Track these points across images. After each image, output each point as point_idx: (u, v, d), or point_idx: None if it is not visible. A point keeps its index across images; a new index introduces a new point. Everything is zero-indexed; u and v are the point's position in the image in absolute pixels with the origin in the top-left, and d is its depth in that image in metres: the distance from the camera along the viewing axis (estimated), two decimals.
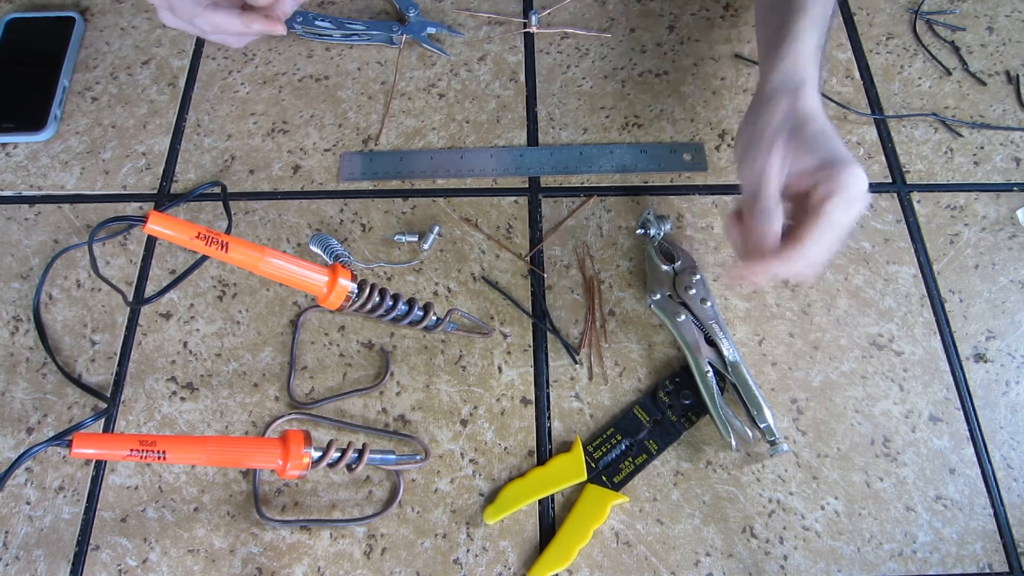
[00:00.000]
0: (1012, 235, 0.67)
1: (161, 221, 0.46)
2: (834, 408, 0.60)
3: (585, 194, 0.69)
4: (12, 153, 0.72)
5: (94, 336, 0.63)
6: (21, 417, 0.60)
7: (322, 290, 0.52)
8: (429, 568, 0.55)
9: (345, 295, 0.52)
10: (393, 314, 0.56)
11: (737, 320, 0.63)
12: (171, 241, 0.48)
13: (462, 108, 0.73)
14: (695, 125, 0.72)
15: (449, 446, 0.59)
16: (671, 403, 0.59)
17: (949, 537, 0.56)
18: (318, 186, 0.70)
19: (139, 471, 0.58)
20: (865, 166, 0.69)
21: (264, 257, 0.49)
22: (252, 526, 0.56)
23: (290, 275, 0.51)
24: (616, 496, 0.56)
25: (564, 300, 0.64)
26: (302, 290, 0.54)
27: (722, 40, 0.77)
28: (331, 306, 0.53)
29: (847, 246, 0.66)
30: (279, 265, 0.50)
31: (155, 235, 0.50)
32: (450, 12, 0.79)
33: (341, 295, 0.52)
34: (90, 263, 0.51)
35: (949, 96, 0.73)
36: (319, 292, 0.52)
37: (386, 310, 0.55)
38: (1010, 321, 0.63)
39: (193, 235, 0.47)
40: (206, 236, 0.47)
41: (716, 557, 0.55)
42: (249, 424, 0.60)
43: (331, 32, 0.77)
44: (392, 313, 0.56)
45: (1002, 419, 0.59)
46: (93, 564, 0.55)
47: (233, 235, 0.58)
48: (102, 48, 0.78)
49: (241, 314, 0.64)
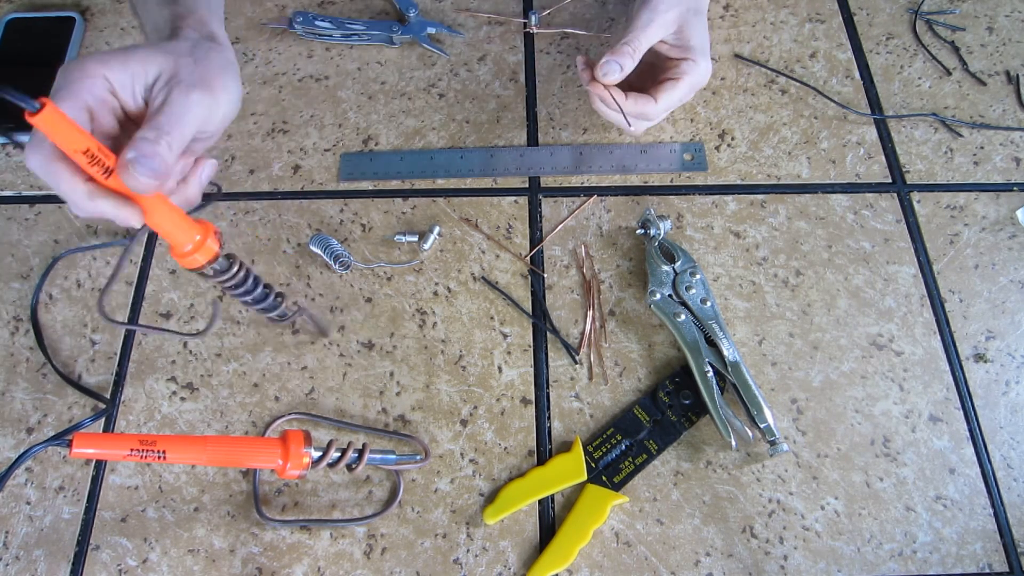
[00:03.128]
0: (1012, 235, 0.67)
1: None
2: (834, 408, 0.60)
3: (585, 194, 0.69)
4: (12, 153, 0.72)
5: (94, 336, 0.63)
6: (21, 417, 0.60)
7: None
8: (429, 568, 0.55)
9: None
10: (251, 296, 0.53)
11: (737, 320, 0.63)
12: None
13: (462, 108, 0.73)
14: (695, 125, 0.72)
15: (449, 446, 0.59)
16: (671, 403, 0.59)
17: (949, 537, 0.56)
18: (318, 186, 0.70)
19: (139, 471, 0.58)
20: (865, 166, 0.69)
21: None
22: (252, 526, 0.56)
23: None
24: (616, 496, 0.56)
25: (564, 300, 0.64)
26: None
27: (722, 40, 0.77)
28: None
29: (847, 246, 0.66)
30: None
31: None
32: (450, 12, 0.79)
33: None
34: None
35: (949, 96, 0.73)
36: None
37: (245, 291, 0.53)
38: (1010, 321, 0.63)
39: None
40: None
41: (716, 557, 0.55)
42: (249, 424, 0.60)
43: (331, 32, 0.77)
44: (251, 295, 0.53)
45: (1002, 419, 0.59)
46: (93, 564, 0.55)
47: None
48: (102, 48, 0.78)
49: (241, 314, 0.64)
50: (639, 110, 0.64)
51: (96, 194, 0.42)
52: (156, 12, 0.53)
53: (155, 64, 0.45)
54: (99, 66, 0.43)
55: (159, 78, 0.44)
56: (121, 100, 0.44)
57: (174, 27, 0.50)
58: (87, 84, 0.42)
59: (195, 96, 0.44)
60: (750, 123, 0.72)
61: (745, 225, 0.67)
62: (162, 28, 0.51)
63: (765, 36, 0.77)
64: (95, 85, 0.42)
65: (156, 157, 0.41)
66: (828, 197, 0.68)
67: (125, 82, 0.44)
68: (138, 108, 0.45)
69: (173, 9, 0.51)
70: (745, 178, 0.69)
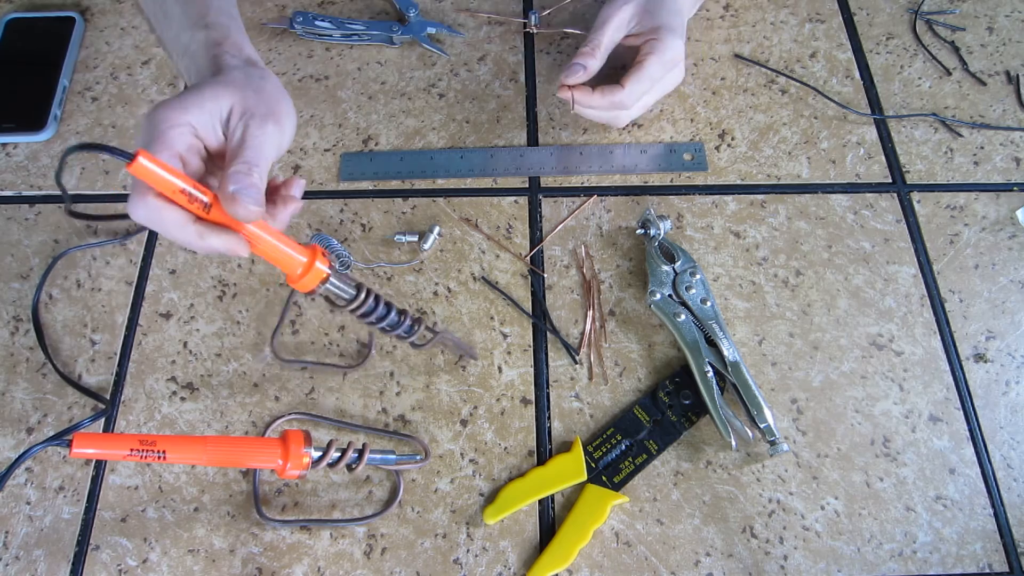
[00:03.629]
0: (1012, 235, 0.67)
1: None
2: (834, 408, 0.60)
3: (585, 194, 0.69)
4: (12, 153, 0.72)
5: (94, 336, 0.63)
6: (21, 417, 0.60)
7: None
8: (429, 568, 0.55)
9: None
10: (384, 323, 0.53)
11: (737, 320, 0.63)
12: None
13: (462, 108, 0.73)
14: (695, 125, 0.72)
15: (449, 446, 0.59)
16: (671, 403, 0.59)
17: (949, 537, 0.56)
18: (318, 186, 0.70)
19: (139, 471, 0.58)
20: (865, 166, 0.69)
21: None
22: (252, 526, 0.56)
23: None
24: (616, 496, 0.56)
25: (564, 300, 0.64)
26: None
27: (722, 40, 0.77)
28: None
29: (847, 246, 0.66)
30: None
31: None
32: (450, 12, 0.79)
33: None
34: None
35: (949, 96, 0.73)
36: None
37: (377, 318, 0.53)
38: (1010, 321, 0.63)
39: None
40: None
41: (716, 557, 0.55)
42: (249, 424, 0.60)
43: (331, 32, 0.77)
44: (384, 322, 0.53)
45: (1002, 419, 0.59)
46: (93, 564, 0.55)
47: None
48: (102, 48, 0.78)
49: (241, 314, 0.64)
50: (610, 101, 0.64)
51: (206, 232, 0.44)
52: (186, 36, 0.53)
53: (226, 101, 0.47)
54: (182, 113, 0.45)
55: (231, 113, 0.47)
56: (204, 141, 0.46)
57: (212, 54, 0.51)
58: (175, 133, 0.44)
59: (269, 128, 0.47)
60: (750, 123, 0.72)
61: (745, 225, 0.67)
62: (196, 53, 0.52)
63: (765, 36, 0.77)
64: (183, 133, 0.45)
65: (253, 187, 0.44)
66: (828, 197, 0.68)
67: (206, 123, 0.46)
68: (219, 143, 0.47)
69: (208, 34, 0.52)
70: (745, 178, 0.69)
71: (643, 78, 0.64)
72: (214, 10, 0.54)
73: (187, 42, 0.53)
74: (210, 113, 0.46)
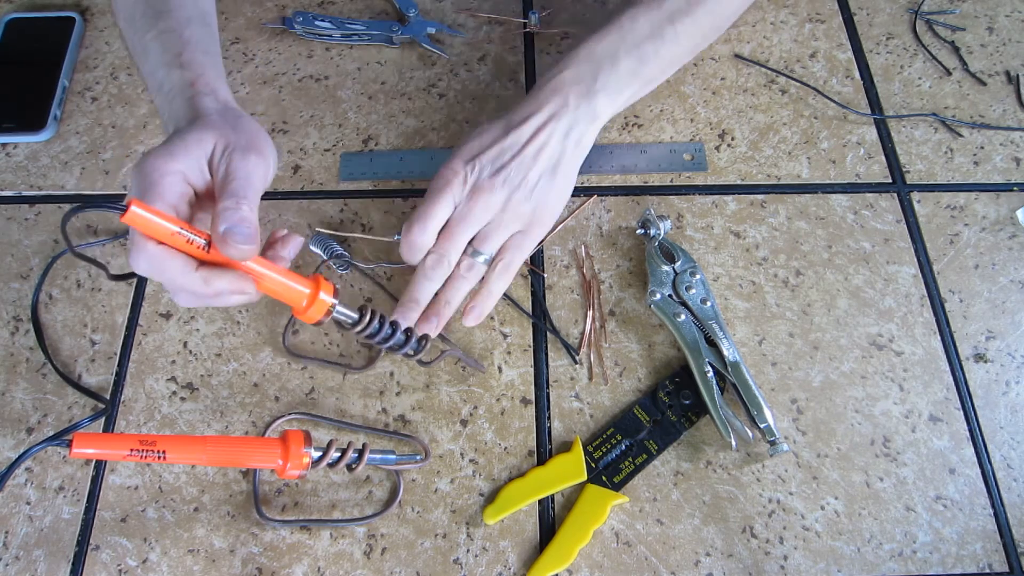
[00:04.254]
0: (1012, 235, 0.67)
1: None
2: (834, 408, 0.60)
3: (585, 194, 0.69)
4: (12, 153, 0.72)
5: (94, 336, 0.63)
6: (21, 417, 0.60)
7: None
8: (429, 568, 0.55)
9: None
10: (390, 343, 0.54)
11: (737, 320, 0.63)
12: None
13: (462, 108, 0.73)
14: (695, 125, 0.72)
15: (449, 446, 0.59)
16: (671, 403, 0.59)
17: (949, 537, 0.56)
18: (318, 186, 0.70)
19: (139, 471, 0.58)
20: (865, 166, 0.69)
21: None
22: (252, 526, 0.56)
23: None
24: (616, 496, 0.56)
25: (564, 300, 0.64)
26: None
27: (722, 40, 0.77)
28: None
29: (847, 246, 0.66)
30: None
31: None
32: (450, 12, 0.79)
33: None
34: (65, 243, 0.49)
35: (949, 96, 0.73)
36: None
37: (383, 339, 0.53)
38: (1010, 321, 0.63)
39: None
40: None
41: (716, 557, 0.55)
42: (249, 424, 0.60)
43: (331, 32, 0.77)
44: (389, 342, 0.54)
45: (1002, 419, 0.59)
46: (93, 564, 0.55)
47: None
48: (102, 48, 0.78)
49: (241, 314, 0.64)
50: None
51: (211, 277, 0.44)
52: (163, 73, 0.54)
53: (209, 142, 0.48)
54: (171, 161, 0.46)
55: (215, 151, 0.47)
56: (194, 186, 0.47)
57: (187, 96, 0.52)
58: (168, 182, 0.45)
59: (252, 159, 0.47)
60: (750, 123, 0.72)
61: (745, 225, 0.67)
62: (171, 93, 0.53)
63: (765, 36, 0.77)
64: (175, 181, 0.45)
65: (244, 222, 0.44)
66: (828, 197, 0.68)
67: (193, 167, 0.47)
68: (206, 184, 0.47)
69: (183, 74, 0.53)
70: (745, 178, 0.69)
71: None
72: (191, 48, 0.55)
73: (162, 79, 0.54)
74: (196, 158, 0.47)
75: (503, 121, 0.61)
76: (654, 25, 0.63)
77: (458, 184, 0.59)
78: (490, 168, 0.59)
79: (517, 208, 0.60)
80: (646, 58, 0.63)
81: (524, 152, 0.59)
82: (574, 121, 0.61)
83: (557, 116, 0.60)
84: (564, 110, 0.60)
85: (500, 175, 0.59)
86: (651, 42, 0.63)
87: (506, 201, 0.59)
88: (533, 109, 0.61)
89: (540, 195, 0.60)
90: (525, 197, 0.60)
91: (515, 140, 0.60)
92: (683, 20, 0.63)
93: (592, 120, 0.62)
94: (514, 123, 0.61)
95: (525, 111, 0.61)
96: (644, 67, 0.63)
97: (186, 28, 0.56)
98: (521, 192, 0.59)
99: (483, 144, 0.60)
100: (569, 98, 0.61)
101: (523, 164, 0.59)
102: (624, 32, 0.62)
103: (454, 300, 0.60)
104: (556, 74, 0.62)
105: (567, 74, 0.61)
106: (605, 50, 0.62)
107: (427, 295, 0.60)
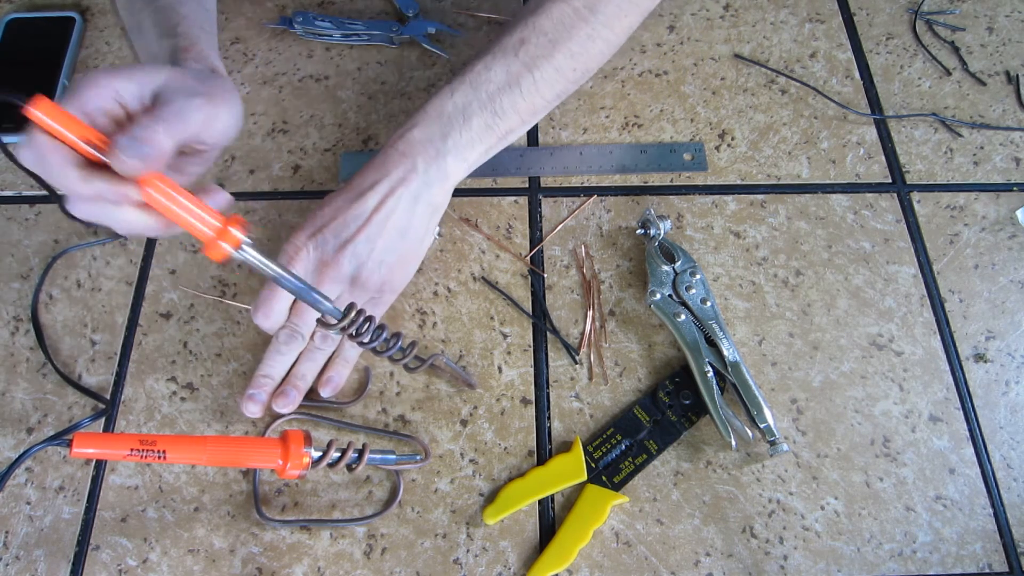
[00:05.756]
0: (1012, 235, 0.67)
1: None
2: (834, 408, 0.60)
3: (585, 194, 0.69)
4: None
5: (94, 336, 0.63)
6: (21, 417, 0.60)
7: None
8: (429, 568, 0.55)
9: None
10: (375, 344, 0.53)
11: (737, 320, 0.63)
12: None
13: None
14: (695, 125, 0.72)
15: (449, 446, 0.59)
16: (671, 403, 0.59)
17: (949, 537, 0.56)
18: (318, 186, 0.70)
19: (139, 471, 0.58)
20: (865, 166, 0.69)
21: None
22: (252, 526, 0.56)
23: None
24: (616, 496, 0.56)
25: (564, 300, 0.64)
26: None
27: (722, 40, 0.77)
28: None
29: (847, 246, 0.66)
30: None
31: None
32: (450, 12, 0.79)
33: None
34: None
35: (949, 96, 0.73)
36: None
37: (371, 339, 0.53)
38: (1010, 321, 0.63)
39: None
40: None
41: (716, 557, 0.55)
42: (249, 424, 0.60)
43: (331, 32, 0.77)
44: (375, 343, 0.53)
45: (1002, 419, 0.59)
46: (93, 564, 0.55)
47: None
48: (102, 48, 0.78)
49: (241, 314, 0.64)
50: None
51: (89, 175, 0.42)
52: (155, 44, 0.53)
53: (162, 76, 0.45)
54: (107, 77, 0.44)
55: (165, 86, 0.45)
56: (126, 106, 0.44)
57: (175, 60, 0.51)
58: (92, 93, 0.43)
59: (196, 101, 0.45)
60: (750, 123, 0.72)
61: (745, 225, 0.67)
62: (161, 60, 0.52)
63: (765, 36, 0.77)
64: (101, 95, 0.43)
65: (149, 142, 0.41)
66: (828, 197, 0.68)
67: (132, 90, 0.44)
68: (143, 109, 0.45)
69: (173, 42, 0.52)
70: (745, 178, 0.69)
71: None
72: (186, 22, 0.54)
73: (154, 49, 0.53)
74: (140, 83, 0.44)
75: (349, 189, 0.58)
76: (511, 74, 0.58)
77: (301, 261, 0.56)
78: (334, 242, 0.56)
79: (367, 281, 0.57)
80: (502, 112, 0.59)
81: (370, 222, 0.56)
82: (423, 185, 0.57)
83: (405, 181, 0.57)
84: (412, 175, 0.57)
85: (347, 249, 0.56)
86: (507, 93, 0.58)
87: (354, 275, 0.57)
88: (380, 176, 0.57)
89: (389, 265, 0.57)
90: (375, 268, 0.57)
91: (361, 210, 0.56)
92: (542, 66, 0.59)
93: (443, 181, 0.59)
94: (361, 191, 0.57)
95: (372, 177, 0.57)
96: (500, 121, 0.59)
97: (183, 5, 0.55)
98: (370, 264, 0.56)
99: (327, 216, 0.57)
100: (417, 161, 0.57)
101: (370, 236, 0.56)
102: (478, 83, 0.58)
103: (309, 373, 0.59)
104: (405, 133, 0.58)
105: (415, 133, 0.58)
106: (456, 105, 0.58)
107: (281, 370, 0.59)
